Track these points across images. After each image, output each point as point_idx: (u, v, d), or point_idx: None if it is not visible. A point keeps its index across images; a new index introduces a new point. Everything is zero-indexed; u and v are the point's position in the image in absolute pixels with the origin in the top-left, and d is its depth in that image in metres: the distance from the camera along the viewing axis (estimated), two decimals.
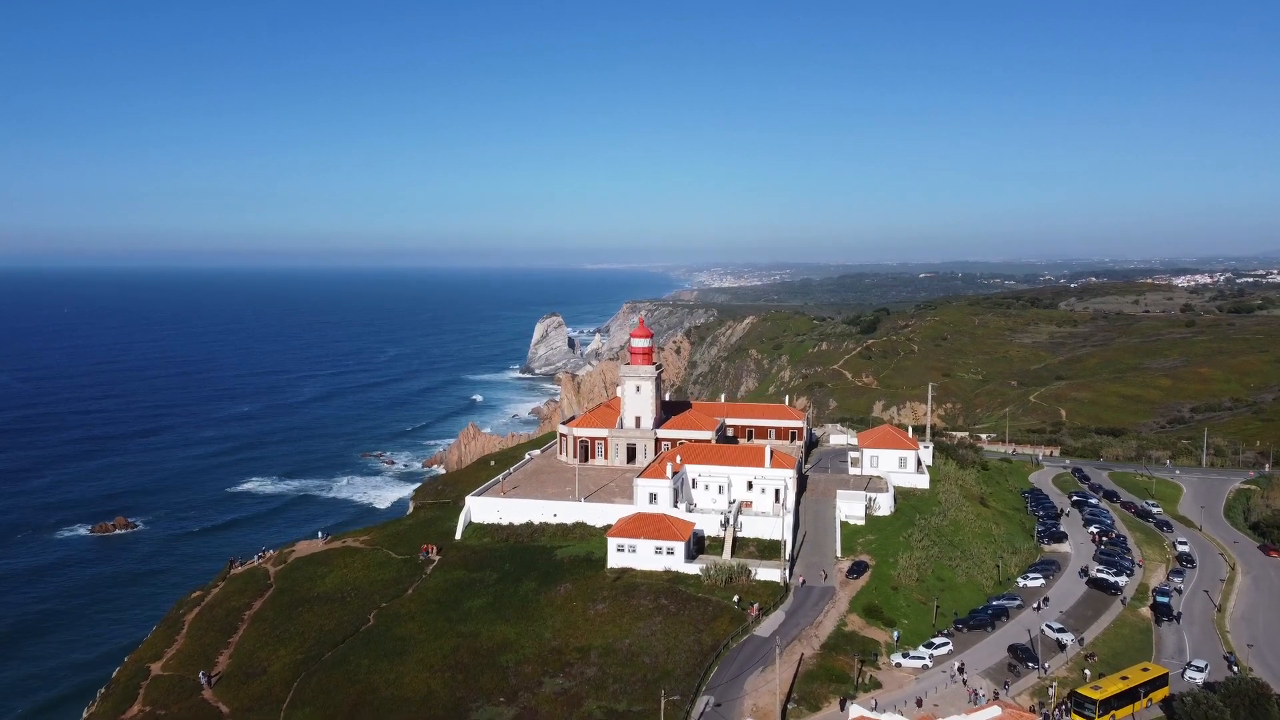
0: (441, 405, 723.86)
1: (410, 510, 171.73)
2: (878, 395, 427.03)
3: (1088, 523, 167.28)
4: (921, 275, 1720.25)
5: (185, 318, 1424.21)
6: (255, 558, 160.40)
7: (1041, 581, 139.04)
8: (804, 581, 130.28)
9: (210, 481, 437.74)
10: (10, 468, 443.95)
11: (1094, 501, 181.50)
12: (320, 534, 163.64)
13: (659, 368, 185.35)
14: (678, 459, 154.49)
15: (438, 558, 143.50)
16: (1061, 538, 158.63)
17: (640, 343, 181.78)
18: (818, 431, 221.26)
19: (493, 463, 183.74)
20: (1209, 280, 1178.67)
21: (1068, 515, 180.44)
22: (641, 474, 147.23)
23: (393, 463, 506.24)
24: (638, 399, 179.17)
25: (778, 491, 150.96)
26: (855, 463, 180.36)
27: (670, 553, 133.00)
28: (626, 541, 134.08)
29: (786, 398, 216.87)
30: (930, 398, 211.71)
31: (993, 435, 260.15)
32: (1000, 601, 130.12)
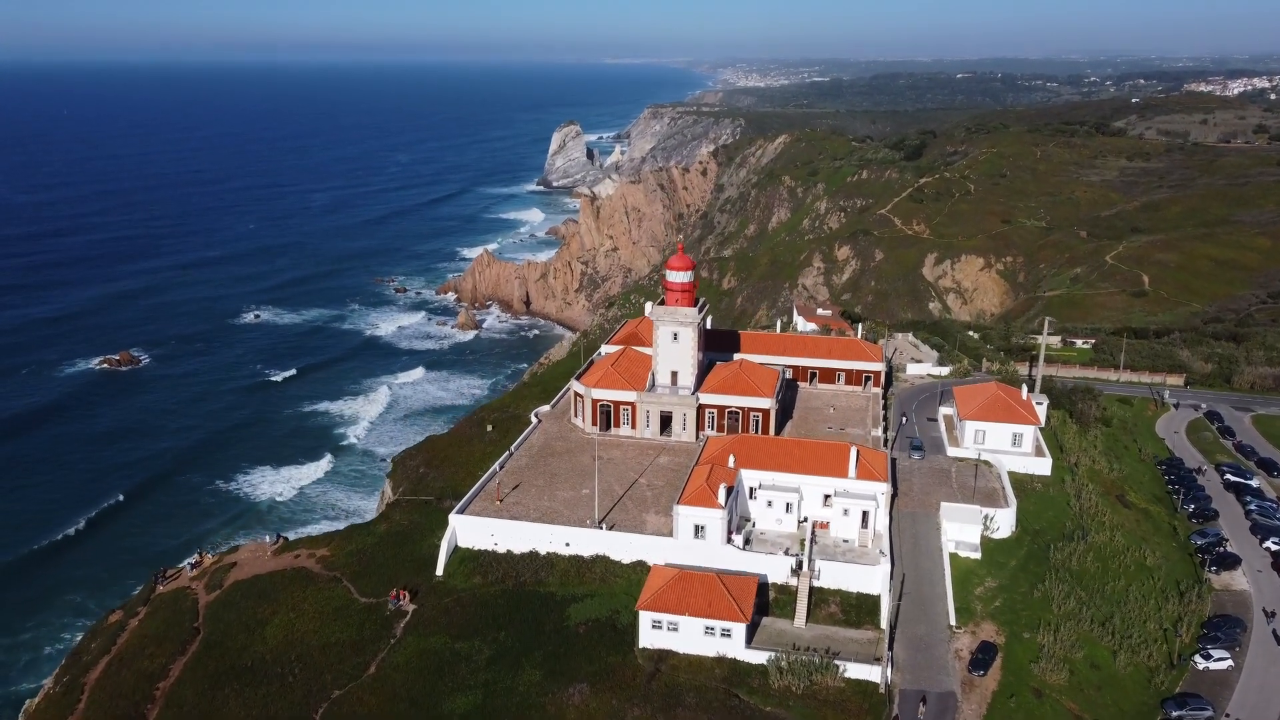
0: (456, 224, 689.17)
1: (383, 506, 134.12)
2: (930, 247, 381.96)
3: (1258, 529, 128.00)
4: (959, 76, 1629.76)
5: (190, 120, 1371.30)
6: (188, 565, 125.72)
7: (1228, 662, 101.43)
8: (898, 706, 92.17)
9: (215, 310, 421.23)
10: (11, 296, 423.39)
11: (1255, 484, 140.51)
12: (269, 537, 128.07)
13: (703, 306, 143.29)
14: (730, 461, 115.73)
15: (411, 608, 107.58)
16: (1233, 562, 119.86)
17: (678, 277, 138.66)
18: (887, 348, 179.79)
19: (490, 428, 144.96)
20: (1268, 84, 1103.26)
21: (1203, 474, 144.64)
22: (683, 498, 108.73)
23: (404, 290, 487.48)
24: (675, 350, 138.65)
25: (865, 514, 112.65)
26: (951, 431, 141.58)
27: (726, 634, 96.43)
28: (665, 618, 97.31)
29: (859, 328, 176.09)
30: (1045, 330, 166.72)
31: (1087, 330, 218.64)
32: (1183, 713, 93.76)
